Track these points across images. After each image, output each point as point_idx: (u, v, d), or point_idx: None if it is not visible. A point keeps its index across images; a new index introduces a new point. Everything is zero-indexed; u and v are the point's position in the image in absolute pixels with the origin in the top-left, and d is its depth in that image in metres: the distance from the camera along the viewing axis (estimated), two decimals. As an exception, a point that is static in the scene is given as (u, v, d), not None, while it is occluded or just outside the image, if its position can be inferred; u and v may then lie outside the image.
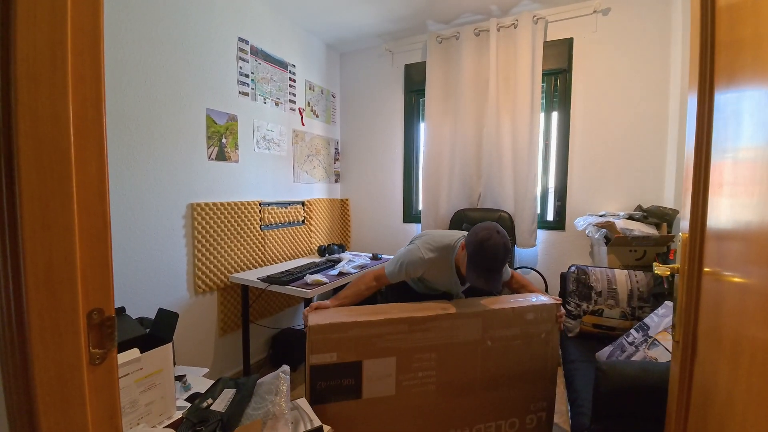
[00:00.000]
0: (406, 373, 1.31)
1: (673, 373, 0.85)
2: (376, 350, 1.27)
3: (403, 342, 1.30)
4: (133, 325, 1.13)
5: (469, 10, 2.56)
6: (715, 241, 0.68)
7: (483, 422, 1.42)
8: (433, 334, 1.33)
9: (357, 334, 1.25)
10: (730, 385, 0.56)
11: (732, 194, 0.60)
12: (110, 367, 0.49)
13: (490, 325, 1.39)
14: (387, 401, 1.30)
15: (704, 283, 0.73)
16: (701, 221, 0.74)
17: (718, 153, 0.68)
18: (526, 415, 1.47)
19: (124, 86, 1.70)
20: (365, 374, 1.26)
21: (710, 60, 0.73)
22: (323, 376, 1.22)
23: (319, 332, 1.22)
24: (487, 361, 1.40)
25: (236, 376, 2.34)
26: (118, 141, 1.68)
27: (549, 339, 1.47)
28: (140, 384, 1.01)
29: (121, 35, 1.67)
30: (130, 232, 1.75)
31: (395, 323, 1.28)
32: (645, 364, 1.10)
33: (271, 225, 2.55)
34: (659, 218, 2.12)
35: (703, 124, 0.74)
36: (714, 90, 0.70)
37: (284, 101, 2.67)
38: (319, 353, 1.22)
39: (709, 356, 0.67)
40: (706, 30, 0.75)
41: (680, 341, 0.80)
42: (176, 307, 1.98)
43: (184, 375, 1.41)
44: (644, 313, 1.86)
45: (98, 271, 0.47)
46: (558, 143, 2.61)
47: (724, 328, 0.60)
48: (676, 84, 2.19)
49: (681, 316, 0.80)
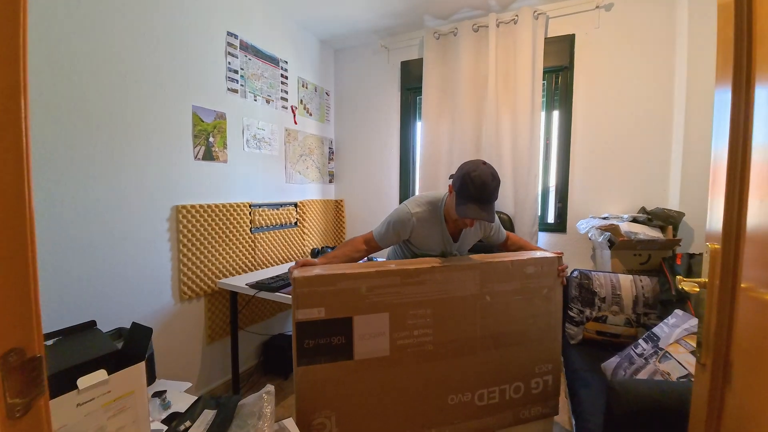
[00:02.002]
0: (401, 331, 1.21)
1: (698, 399, 0.76)
2: (368, 305, 1.17)
3: (396, 296, 1.20)
4: (103, 341, 1.03)
5: (467, 5, 2.47)
6: (757, 253, 0.59)
7: (486, 387, 1.33)
8: (428, 287, 1.23)
9: (346, 287, 1.14)
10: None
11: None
12: (37, 418, 0.40)
13: (488, 278, 1.30)
14: (381, 363, 1.19)
15: (740, 300, 0.64)
16: (737, 229, 0.66)
17: (761, 151, 0.59)
18: (531, 378, 1.38)
19: (105, 82, 1.59)
20: (356, 332, 1.16)
21: (747, 50, 0.65)
22: (311, 334, 1.12)
23: (305, 285, 1.11)
24: (487, 318, 1.30)
25: (225, 385, 2.24)
26: (96, 139, 1.57)
27: (551, 295, 1.38)
28: (108, 408, 0.91)
29: (99, 27, 1.57)
30: (110, 236, 1.64)
31: (387, 275, 1.18)
32: (662, 384, 1.01)
33: (261, 227, 2.45)
34: (664, 221, 2.05)
35: (739, 121, 0.65)
36: (754, 83, 0.62)
37: (276, 99, 2.57)
38: (305, 308, 1.11)
39: (749, 387, 0.58)
40: (741, 19, 0.67)
41: (708, 365, 0.72)
42: (161, 314, 1.88)
43: (164, 391, 1.31)
44: (650, 320, 1.79)
45: (16, 302, 0.37)
46: (559, 143, 2.53)
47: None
48: (681, 81, 2.11)
49: (709, 337, 0.71)
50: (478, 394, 1.31)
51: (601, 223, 2.12)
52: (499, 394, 1.34)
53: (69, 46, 1.47)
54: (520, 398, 1.37)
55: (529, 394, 1.38)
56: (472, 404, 1.31)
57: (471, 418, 1.32)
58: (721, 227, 0.68)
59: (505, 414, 1.36)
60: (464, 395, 1.30)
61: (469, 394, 1.30)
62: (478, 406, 1.32)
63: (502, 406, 1.35)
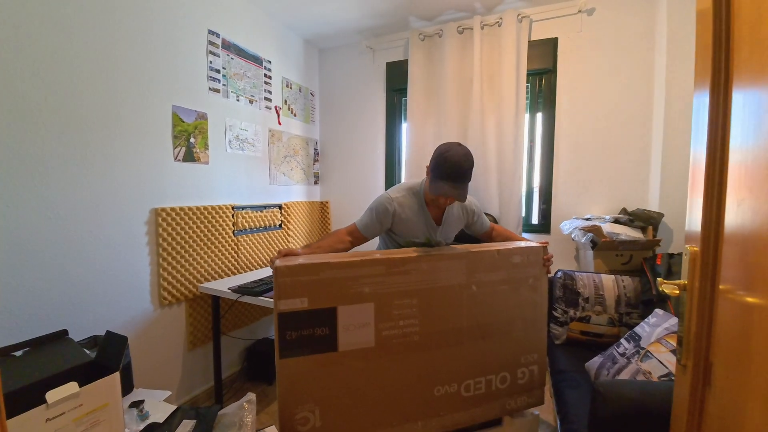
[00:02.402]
0: (386, 322, 1.18)
1: (679, 400, 0.77)
2: (352, 295, 1.14)
3: (381, 286, 1.17)
4: (75, 352, 0.99)
5: (452, 6, 2.48)
6: (735, 254, 0.60)
7: (472, 377, 1.31)
8: (414, 277, 1.20)
9: (330, 276, 1.11)
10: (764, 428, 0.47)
11: (761, 199, 0.52)
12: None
13: (475, 268, 1.28)
14: (366, 354, 1.16)
15: (720, 302, 0.65)
16: (715, 232, 0.66)
17: (738, 154, 0.60)
18: (517, 368, 1.37)
19: (76, 78, 1.53)
20: (340, 323, 1.13)
21: (725, 56, 0.66)
22: (293, 325, 1.08)
23: (287, 274, 1.07)
24: (473, 308, 1.29)
25: (207, 392, 2.19)
26: (69, 139, 1.51)
27: (537, 285, 1.38)
28: (80, 423, 0.87)
29: (72, 22, 1.51)
30: (85, 241, 1.58)
31: (371, 264, 1.16)
32: (644, 384, 1.03)
33: (245, 230, 2.40)
34: (645, 222, 2.09)
35: (717, 124, 0.66)
36: (732, 86, 0.63)
37: (259, 99, 2.53)
38: (287, 298, 1.07)
39: (730, 389, 0.59)
40: (719, 24, 0.68)
41: (688, 367, 0.73)
42: (139, 321, 1.82)
43: (141, 401, 1.27)
44: (632, 320, 1.82)
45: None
46: (543, 145, 2.56)
47: (752, 360, 0.52)
48: (660, 85, 2.16)
49: (690, 339, 0.72)
50: (464, 385, 1.30)
51: (584, 224, 2.15)
52: (486, 384, 1.33)
53: (38, 42, 1.41)
54: (506, 388, 1.37)
55: (515, 385, 1.37)
56: (459, 395, 1.30)
57: (457, 409, 1.30)
58: (700, 229, 0.69)
59: (492, 405, 1.35)
60: (450, 386, 1.28)
61: (455, 385, 1.29)
62: (464, 397, 1.31)
63: (489, 396, 1.34)
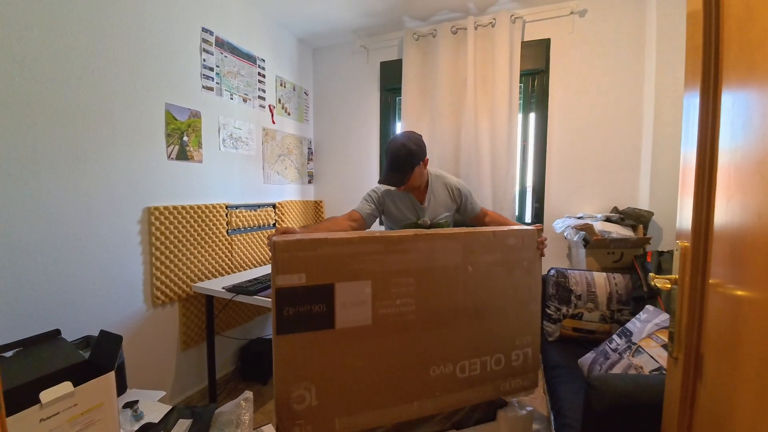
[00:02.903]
0: (384, 300, 1.18)
1: (671, 392, 0.79)
2: (350, 272, 1.13)
3: (379, 264, 1.17)
4: (68, 351, 0.98)
5: (446, 7, 2.49)
6: (724, 250, 0.62)
7: (467, 358, 1.31)
8: (411, 256, 1.21)
9: (328, 252, 1.11)
10: (755, 424, 0.49)
11: (749, 197, 0.54)
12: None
13: (471, 249, 1.29)
14: (363, 332, 1.16)
15: (709, 296, 0.67)
16: (705, 228, 0.68)
17: (727, 153, 0.62)
18: (511, 351, 1.37)
19: (67, 75, 1.51)
20: (338, 300, 1.12)
21: (714, 57, 0.68)
22: (291, 301, 1.07)
23: (285, 250, 1.06)
24: (469, 289, 1.29)
25: (201, 392, 2.17)
26: (60, 137, 1.49)
27: (531, 268, 1.39)
28: (75, 423, 0.86)
29: (64, 18, 1.49)
30: (76, 240, 1.56)
31: (370, 242, 1.16)
32: (637, 378, 1.05)
33: (238, 229, 2.39)
34: (635, 220, 2.12)
35: (707, 124, 0.68)
36: (721, 87, 0.65)
37: (253, 97, 2.52)
38: (285, 274, 1.06)
39: (721, 380, 0.61)
40: (709, 26, 0.70)
41: (680, 359, 0.75)
42: (132, 321, 1.80)
43: (136, 401, 1.26)
44: (623, 316, 1.85)
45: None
46: (536, 144, 2.59)
47: (742, 352, 0.54)
48: (650, 86, 2.20)
49: (681, 332, 0.74)
50: (459, 366, 1.30)
51: (577, 222, 2.18)
52: (480, 365, 1.33)
53: (29, 38, 1.39)
54: (501, 370, 1.37)
55: (509, 367, 1.38)
56: (454, 376, 1.30)
57: (452, 390, 1.30)
58: (691, 226, 0.71)
59: (486, 386, 1.36)
60: (446, 367, 1.28)
61: (450, 366, 1.29)
62: (460, 378, 1.31)
63: (483, 378, 1.34)
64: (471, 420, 1.47)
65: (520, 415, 1.49)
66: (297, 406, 1.09)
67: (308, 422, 1.11)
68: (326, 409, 1.13)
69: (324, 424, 1.13)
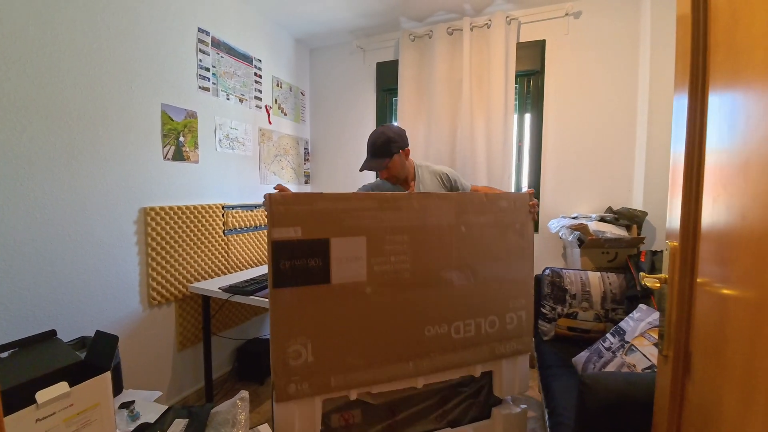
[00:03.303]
0: (378, 257, 1.19)
1: (661, 389, 0.80)
2: (345, 228, 1.15)
3: (374, 221, 1.18)
4: (64, 352, 0.98)
5: (442, 8, 2.50)
6: (711, 249, 0.63)
7: (462, 319, 1.32)
8: (405, 214, 1.22)
9: (323, 207, 1.12)
10: (738, 418, 0.50)
11: (732, 197, 0.55)
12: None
13: (464, 209, 1.31)
14: (358, 288, 1.17)
15: (698, 294, 0.68)
16: (693, 228, 0.70)
17: (714, 154, 0.63)
18: (505, 313, 1.39)
19: (62, 75, 1.51)
20: (333, 255, 1.13)
21: (702, 60, 0.69)
22: (287, 254, 1.08)
23: (281, 203, 1.08)
24: (462, 249, 1.30)
25: (197, 393, 2.17)
26: (54, 137, 1.49)
27: (523, 231, 1.40)
28: (71, 423, 0.87)
29: (57, 18, 1.48)
30: (72, 241, 1.56)
31: (364, 199, 1.18)
32: (629, 376, 1.06)
33: (235, 229, 2.39)
34: (629, 220, 2.14)
35: (695, 126, 0.69)
36: (708, 89, 0.66)
37: (249, 98, 2.52)
38: (282, 227, 1.07)
39: (706, 378, 0.62)
40: (697, 29, 0.71)
41: (670, 357, 0.76)
42: (128, 321, 1.80)
43: (132, 401, 1.26)
44: (618, 315, 1.86)
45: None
46: (531, 145, 2.60)
47: (728, 350, 0.55)
48: (644, 87, 2.22)
49: (670, 330, 0.75)
50: (454, 327, 1.31)
51: (571, 222, 2.19)
52: (475, 327, 1.34)
53: (23, 39, 1.39)
54: (496, 333, 1.38)
55: (503, 329, 1.39)
56: (449, 337, 1.31)
57: (448, 351, 1.31)
58: (679, 226, 0.72)
59: (482, 348, 1.36)
60: (441, 327, 1.29)
61: (445, 326, 1.29)
62: (455, 339, 1.31)
63: (478, 340, 1.35)
64: (466, 418, 1.49)
65: (514, 413, 1.50)
66: (293, 362, 1.09)
67: (304, 379, 1.11)
68: (322, 366, 1.13)
69: (320, 380, 1.14)
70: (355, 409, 1.36)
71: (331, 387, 1.16)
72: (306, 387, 1.12)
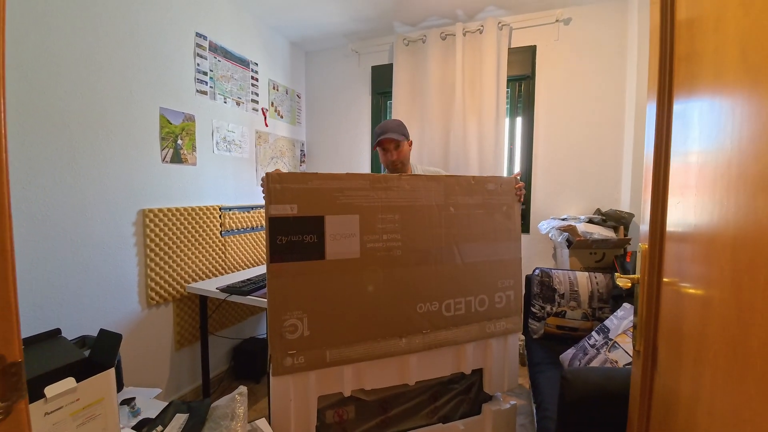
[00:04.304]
0: (371, 234, 1.24)
1: (634, 382, 0.86)
2: (339, 206, 1.20)
3: (366, 200, 1.24)
4: (70, 349, 1.02)
5: (435, 13, 2.56)
6: (674, 250, 0.69)
7: (452, 297, 1.37)
8: (396, 194, 1.28)
9: (317, 186, 1.17)
10: (691, 404, 0.56)
11: (691, 200, 0.60)
12: (18, 421, 0.42)
13: (452, 191, 1.37)
14: (352, 265, 1.22)
15: (664, 293, 0.74)
16: (660, 229, 0.75)
17: (677, 158, 0.69)
18: (494, 292, 1.44)
19: (63, 80, 1.54)
20: (328, 231, 1.18)
21: (669, 70, 0.75)
22: (283, 230, 1.13)
23: (277, 180, 1.12)
24: (452, 229, 1.36)
25: (195, 391, 2.21)
26: (55, 141, 1.52)
27: (510, 213, 1.46)
28: (77, 417, 0.91)
29: (56, 23, 1.52)
30: (72, 242, 1.59)
31: (356, 179, 1.23)
32: (607, 370, 1.12)
33: (232, 231, 2.43)
34: (617, 221, 2.20)
35: (662, 132, 0.75)
36: (673, 98, 0.71)
37: (246, 101, 2.56)
38: (278, 203, 1.13)
39: (669, 368, 0.67)
40: (665, 42, 0.77)
41: (641, 351, 0.81)
42: (127, 321, 1.83)
43: (133, 398, 1.30)
44: (604, 314, 1.92)
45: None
46: (522, 148, 2.66)
47: (685, 341, 0.60)
48: (631, 92, 2.28)
49: (642, 327, 0.81)
50: (445, 304, 1.35)
51: (561, 223, 2.25)
52: (465, 305, 1.38)
53: (24, 44, 1.42)
54: (485, 311, 1.42)
55: (493, 308, 1.43)
56: (440, 314, 1.35)
57: (440, 328, 1.35)
58: (648, 228, 0.78)
59: (472, 327, 1.41)
60: (432, 305, 1.33)
61: (436, 304, 1.34)
62: (446, 316, 1.36)
63: (469, 318, 1.39)
64: (457, 414, 1.54)
65: (504, 409, 1.56)
66: (290, 336, 1.13)
67: (300, 353, 1.15)
68: (318, 340, 1.17)
69: (316, 354, 1.18)
70: (348, 405, 1.41)
71: (327, 361, 1.20)
72: (302, 361, 1.16)
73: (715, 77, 0.52)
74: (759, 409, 0.38)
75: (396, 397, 1.46)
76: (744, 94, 0.43)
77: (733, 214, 0.44)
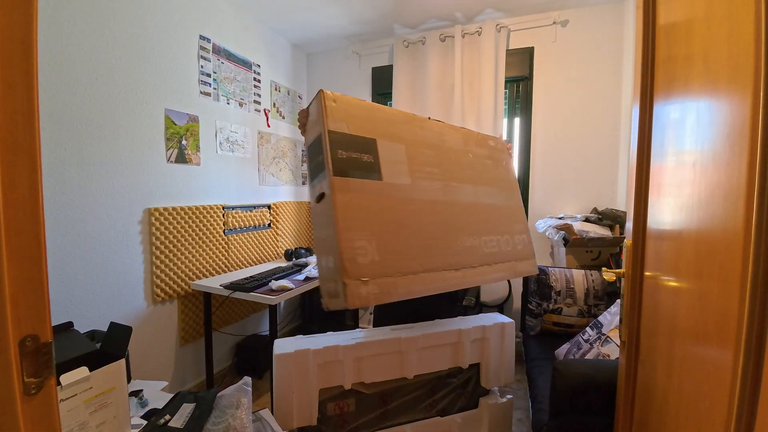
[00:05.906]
0: (416, 165, 1.26)
1: (621, 371, 0.90)
2: (387, 134, 1.21)
3: (407, 134, 1.27)
4: (82, 341, 1.06)
5: (434, 15, 2.60)
6: (654, 245, 0.73)
7: (487, 234, 1.39)
8: (428, 133, 1.34)
9: (366, 113, 1.18)
10: (666, 386, 0.60)
11: (665, 198, 0.65)
12: (48, 396, 0.46)
13: (468, 140, 1.46)
14: (404, 190, 1.20)
15: (645, 286, 0.78)
16: (643, 225, 0.79)
17: (656, 159, 0.73)
18: (514, 234, 1.49)
19: (72, 83, 1.59)
20: (381, 155, 1.17)
21: (650, 74, 0.79)
22: (343, 145, 1.09)
23: (333, 99, 1.11)
24: (474, 172, 1.43)
25: (199, 386, 2.26)
26: (66, 142, 1.58)
27: (509, 167, 1.59)
28: (90, 404, 0.96)
29: (69, 29, 1.57)
30: (81, 239, 1.64)
31: (396, 113, 1.29)
32: (596, 362, 1.16)
33: (235, 229, 2.48)
34: (612, 220, 2.24)
35: (644, 133, 0.79)
36: (653, 101, 0.76)
37: (249, 102, 2.61)
38: (335, 120, 1.10)
39: (648, 357, 0.72)
40: (648, 47, 0.81)
41: (626, 342, 0.86)
42: (133, 317, 1.88)
43: (140, 390, 1.35)
44: (599, 311, 1.96)
45: (32, 295, 0.44)
46: (520, 148, 2.70)
47: (660, 331, 0.64)
48: (627, 93, 2.32)
49: (626, 319, 0.85)
50: (483, 240, 1.37)
51: (557, 222, 2.29)
52: (497, 243, 1.42)
53: (38, 50, 1.47)
54: (511, 252, 1.45)
55: (516, 250, 1.47)
56: (481, 250, 1.36)
57: (483, 263, 1.35)
58: (632, 225, 0.82)
59: (506, 265, 1.42)
60: (473, 239, 1.33)
61: (477, 239, 1.35)
62: (486, 252, 1.37)
63: (501, 256, 1.42)
64: (455, 407, 1.58)
65: (500, 403, 1.60)
66: (361, 259, 1.02)
67: (373, 280, 1.03)
68: (389, 267, 1.07)
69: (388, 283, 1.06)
70: (349, 398, 1.46)
71: (399, 292, 1.08)
72: (376, 290, 1.03)
73: (685, 83, 0.56)
74: (715, 383, 0.42)
75: (395, 390, 1.51)
76: (705, 100, 0.47)
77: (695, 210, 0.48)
